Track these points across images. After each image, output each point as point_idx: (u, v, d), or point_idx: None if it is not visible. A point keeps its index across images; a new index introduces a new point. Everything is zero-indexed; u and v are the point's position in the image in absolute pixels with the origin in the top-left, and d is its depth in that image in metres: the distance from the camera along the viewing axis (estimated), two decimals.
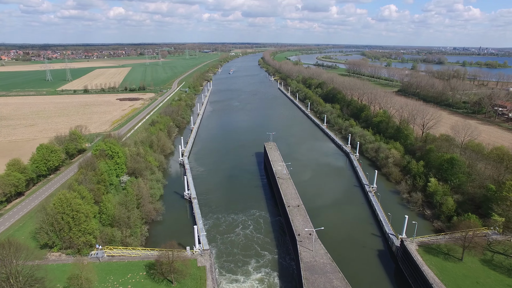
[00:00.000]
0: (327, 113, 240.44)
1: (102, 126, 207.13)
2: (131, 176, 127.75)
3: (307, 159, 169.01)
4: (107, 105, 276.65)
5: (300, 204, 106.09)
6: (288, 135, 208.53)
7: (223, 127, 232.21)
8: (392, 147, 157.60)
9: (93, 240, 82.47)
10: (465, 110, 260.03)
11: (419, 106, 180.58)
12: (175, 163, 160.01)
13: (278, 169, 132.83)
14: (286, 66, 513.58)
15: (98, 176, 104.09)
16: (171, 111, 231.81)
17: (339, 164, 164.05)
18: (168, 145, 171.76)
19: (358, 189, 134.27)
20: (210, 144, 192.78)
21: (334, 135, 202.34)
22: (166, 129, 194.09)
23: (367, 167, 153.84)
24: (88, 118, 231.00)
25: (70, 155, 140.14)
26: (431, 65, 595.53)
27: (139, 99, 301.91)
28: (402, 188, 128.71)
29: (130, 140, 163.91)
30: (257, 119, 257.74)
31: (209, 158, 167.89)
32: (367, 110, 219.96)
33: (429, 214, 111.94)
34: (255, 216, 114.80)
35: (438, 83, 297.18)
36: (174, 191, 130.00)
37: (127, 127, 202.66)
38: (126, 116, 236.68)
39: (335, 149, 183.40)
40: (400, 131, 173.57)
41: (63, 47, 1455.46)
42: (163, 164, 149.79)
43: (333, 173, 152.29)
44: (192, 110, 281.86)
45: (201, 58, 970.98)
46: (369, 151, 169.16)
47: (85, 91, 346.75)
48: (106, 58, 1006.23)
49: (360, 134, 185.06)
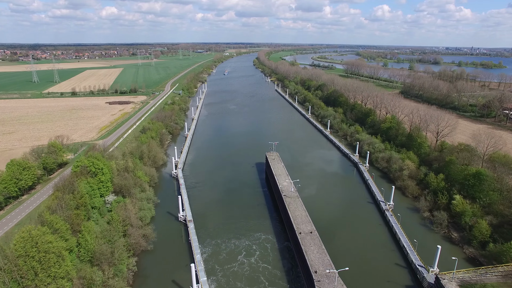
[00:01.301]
0: (329, 118, 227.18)
1: (88, 134, 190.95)
2: (118, 195, 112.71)
3: (313, 170, 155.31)
4: (95, 109, 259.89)
5: (313, 230, 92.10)
6: (289, 142, 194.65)
7: (220, 134, 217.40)
8: (406, 158, 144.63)
9: (67, 285, 67.41)
10: (472, 113, 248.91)
11: (432, 112, 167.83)
12: (168, 177, 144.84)
13: (284, 185, 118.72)
14: (283, 67, 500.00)
15: (77, 200, 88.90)
16: (163, 116, 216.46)
17: (348, 176, 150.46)
18: (160, 156, 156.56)
19: (372, 206, 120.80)
20: (206, 153, 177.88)
21: (339, 142, 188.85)
22: (158, 137, 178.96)
23: (379, 180, 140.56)
24: (74, 124, 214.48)
25: (48, 171, 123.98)
26: (429, 65, 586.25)
27: (130, 103, 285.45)
28: (422, 206, 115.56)
29: (118, 151, 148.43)
30: (256, 124, 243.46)
31: (205, 170, 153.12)
32: (373, 115, 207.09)
33: (456, 238, 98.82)
34: (260, 241, 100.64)
35: (442, 85, 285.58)
36: (167, 211, 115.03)
37: (115, 134, 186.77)
38: (115, 121, 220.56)
39: (342, 159, 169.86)
40: (412, 138, 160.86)
41: (53, 47, 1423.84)
42: (154, 179, 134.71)
43: (343, 187, 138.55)
44: (186, 114, 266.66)
45: (195, 58, 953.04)
46: (379, 161, 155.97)
47: (73, 93, 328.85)
48: (97, 58, 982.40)
49: (368, 142, 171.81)
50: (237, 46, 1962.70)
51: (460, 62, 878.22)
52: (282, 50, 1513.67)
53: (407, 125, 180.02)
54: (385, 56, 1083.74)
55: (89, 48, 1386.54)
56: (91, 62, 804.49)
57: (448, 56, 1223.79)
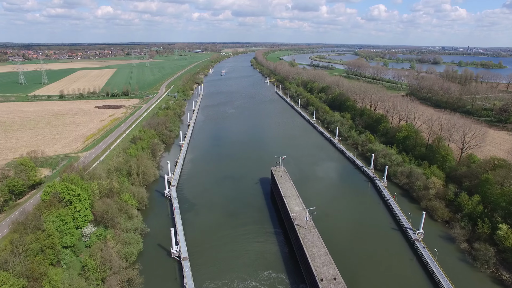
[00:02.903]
0: (337, 124, 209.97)
1: (72, 144, 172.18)
2: (98, 225, 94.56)
3: (324, 186, 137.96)
4: (83, 115, 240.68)
5: (337, 275, 74.59)
6: (295, 151, 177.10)
7: (218, 142, 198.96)
8: (431, 173, 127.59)
9: None
10: (488, 118, 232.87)
11: (456, 119, 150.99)
12: (160, 197, 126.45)
13: (295, 210, 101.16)
14: (283, 68, 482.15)
15: (43, 241, 70.79)
16: (156, 123, 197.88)
17: (364, 193, 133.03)
18: (152, 171, 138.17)
19: (398, 234, 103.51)
20: (203, 166, 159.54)
21: (351, 152, 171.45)
22: (150, 148, 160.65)
23: (400, 199, 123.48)
24: (58, 132, 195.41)
25: (16, 194, 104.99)
26: (432, 66, 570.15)
27: (121, 107, 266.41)
28: (457, 234, 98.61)
29: (103, 167, 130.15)
30: (257, 131, 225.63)
31: (203, 188, 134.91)
32: (385, 122, 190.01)
33: (508, 280, 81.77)
34: (270, 281, 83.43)
35: (454, 87, 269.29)
36: (158, 244, 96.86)
37: (102, 145, 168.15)
38: (104, 129, 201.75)
39: (355, 172, 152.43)
40: (433, 150, 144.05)
41: (46, 47, 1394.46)
42: (144, 200, 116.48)
43: (360, 208, 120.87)
44: (182, 120, 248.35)
45: (191, 58, 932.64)
46: (398, 175, 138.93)
47: (61, 96, 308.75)
48: (91, 58, 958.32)
49: (384, 153, 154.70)
50: (234, 45, 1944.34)
51: (460, 62, 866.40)
52: (279, 50, 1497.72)
53: (425, 134, 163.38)
54: (384, 56, 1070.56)
55: (84, 48, 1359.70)
56: (84, 63, 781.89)
57: (446, 55, 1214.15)
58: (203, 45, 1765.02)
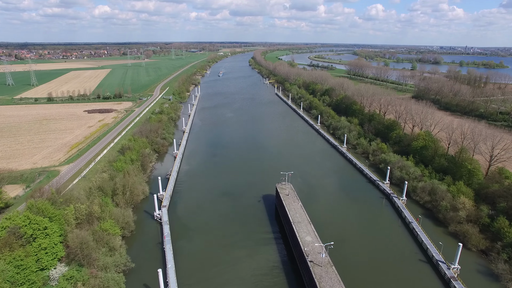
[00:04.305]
0: (344, 130, 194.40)
1: (54, 154, 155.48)
2: (71, 262, 78.27)
3: (336, 206, 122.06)
4: (70, 120, 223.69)
5: None
6: (300, 161, 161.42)
7: (215, 151, 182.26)
8: (457, 191, 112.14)
9: None
10: (504, 122, 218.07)
11: (481, 128, 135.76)
12: (149, 220, 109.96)
13: (307, 242, 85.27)
14: (282, 68, 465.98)
15: None
16: (148, 130, 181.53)
17: (383, 215, 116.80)
18: (141, 188, 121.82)
19: (427, 268, 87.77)
20: (199, 180, 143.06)
21: (361, 163, 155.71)
22: (140, 160, 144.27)
23: (425, 222, 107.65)
24: (41, 140, 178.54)
25: None
26: (436, 66, 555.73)
27: (112, 111, 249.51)
28: (502, 271, 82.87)
29: (84, 185, 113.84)
30: (257, 137, 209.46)
31: (198, 208, 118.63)
32: (398, 129, 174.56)
33: None
34: None
35: (465, 89, 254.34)
36: (143, 285, 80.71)
37: (87, 156, 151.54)
38: (91, 136, 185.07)
39: (368, 187, 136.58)
40: (456, 163, 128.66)
41: (41, 47, 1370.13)
42: (130, 225, 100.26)
43: (380, 233, 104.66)
44: (177, 125, 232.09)
45: (188, 58, 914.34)
46: (418, 192, 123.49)
47: (49, 99, 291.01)
48: (85, 58, 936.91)
49: (399, 165, 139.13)
50: (232, 45, 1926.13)
51: (461, 62, 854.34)
52: (277, 50, 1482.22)
53: (444, 143, 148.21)
54: (383, 56, 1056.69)
55: (82, 48, 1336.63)
56: (78, 63, 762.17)
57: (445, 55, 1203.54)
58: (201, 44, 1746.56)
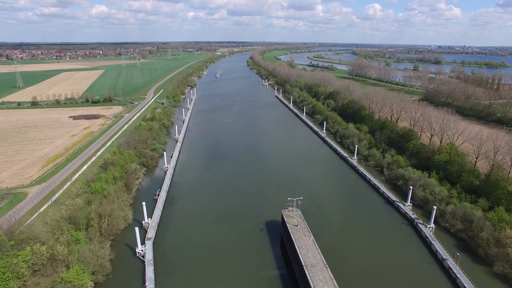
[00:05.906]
0: (353, 139, 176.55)
1: (27, 170, 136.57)
2: None
3: (354, 236, 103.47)
4: (53, 127, 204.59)
5: None
6: (307, 177, 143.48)
7: (211, 165, 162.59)
8: (497, 219, 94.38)
9: None
10: None
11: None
12: (131, 258, 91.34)
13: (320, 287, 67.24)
14: (282, 69, 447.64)
15: None
16: (136, 141, 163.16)
17: (409, 248, 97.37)
18: (122, 215, 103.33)
19: None
20: (191, 202, 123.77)
21: (376, 179, 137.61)
22: (125, 178, 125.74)
23: (463, 260, 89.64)
24: (16, 151, 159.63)
25: None
26: (440, 66, 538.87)
27: (100, 117, 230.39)
28: None
29: (52, 214, 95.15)
30: (258, 148, 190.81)
31: (190, 240, 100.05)
32: (415, 139, 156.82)
33: None
34: None
35: (480, 92, 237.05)
36: None
37: (64, 173, 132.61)
38: (73, 147, 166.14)
39: (387, 209, 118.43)
40: (490, 182, 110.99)
41: (36, 46, 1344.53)
42: (105, 269, 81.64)
43: (411, 278, 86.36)
44: (170, 132, 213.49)
45: (184, 58, 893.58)
46: (447, 217, 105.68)
47: (33, 104, 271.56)
48: (80, 59, 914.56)
49: (422, 183, 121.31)
50: (229, 45, 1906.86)
51: (463, 62, 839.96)
52: (275, 49, 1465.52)
53: (472, 158, 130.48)
54: (383, 55, 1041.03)
55: (75, 48, 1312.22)
56: (72, 63, 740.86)
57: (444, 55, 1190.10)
58: (198, 44, 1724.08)
